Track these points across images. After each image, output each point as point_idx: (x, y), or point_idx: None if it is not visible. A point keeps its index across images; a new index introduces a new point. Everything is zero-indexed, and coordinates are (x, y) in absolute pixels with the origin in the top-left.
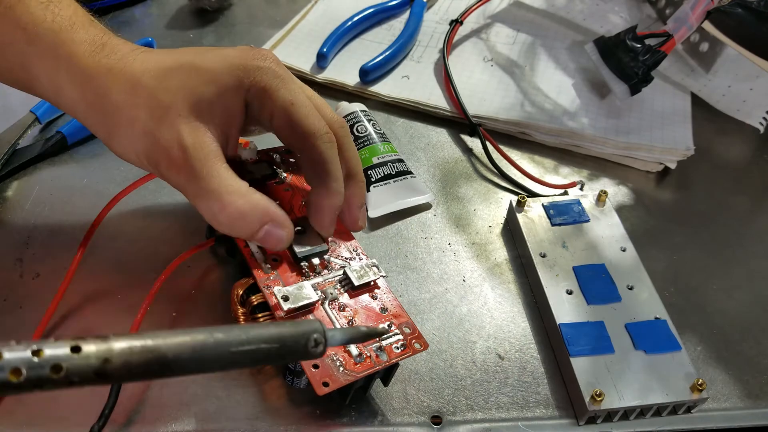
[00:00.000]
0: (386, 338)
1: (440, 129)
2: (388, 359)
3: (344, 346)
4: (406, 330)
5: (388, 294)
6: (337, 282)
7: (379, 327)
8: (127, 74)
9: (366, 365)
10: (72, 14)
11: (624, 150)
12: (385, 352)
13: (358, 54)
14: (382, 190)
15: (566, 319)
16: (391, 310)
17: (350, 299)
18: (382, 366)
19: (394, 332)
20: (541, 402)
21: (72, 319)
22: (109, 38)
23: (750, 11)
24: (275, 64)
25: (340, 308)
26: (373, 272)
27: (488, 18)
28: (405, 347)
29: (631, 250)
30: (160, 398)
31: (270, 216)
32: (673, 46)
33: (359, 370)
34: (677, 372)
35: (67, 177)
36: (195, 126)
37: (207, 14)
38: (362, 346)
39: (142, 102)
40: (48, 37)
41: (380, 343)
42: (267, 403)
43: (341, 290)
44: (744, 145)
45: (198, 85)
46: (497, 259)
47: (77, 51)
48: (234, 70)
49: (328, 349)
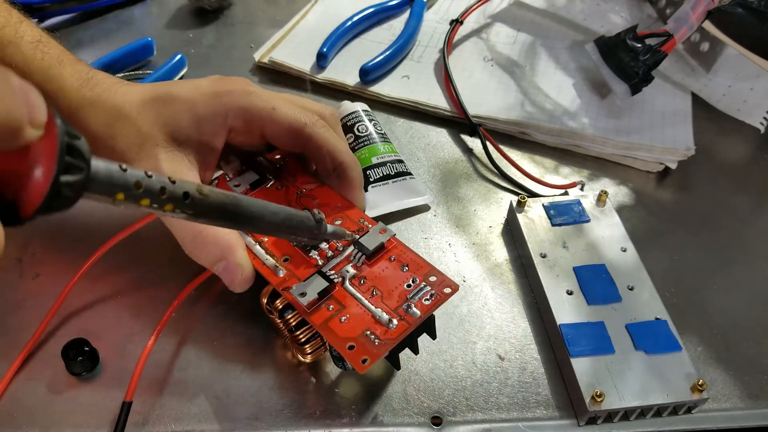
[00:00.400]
0: (414, 294)
1: (440, 129)
2: (422, 314)
3: (375, 318)
4: (432, 279)
5: (404, 249)
6: (351, 258)
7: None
8: (109, 105)
9: (400, 328)
10: (60, 53)
11: (624, 150)
12: (416, 307)
13: (358, 54)
14: (380, 191)
15: (566, 320)
16: (412, 266)
17: (369, 269)
18: (416, 323)
19: (420, 286)
20: (542, 402)
21: (72, 320)
22: (94, 73)
23: (750, 11)
24: (245, 84)
25: (360, 282)
26: (382, 235)
27: (488, 18)
28: (435, 296)
29: (632, 250)
30: (160, 398)
31: (230, 253)
32: (673, 46)
33: (394, 336)
34: (678, 372)
35: None
36: (173, 154)
37: (207, 14)
38: (393, 310)
39: (122, 132)
40: (39, 74)
41: (408, 301)
42: (267, 404)
43: (357, 265)
44: (744, 145)
45: (174, 115)
46: (497, 260)
47: (65, 85)
48: (207, 98)
49: (361, 323)
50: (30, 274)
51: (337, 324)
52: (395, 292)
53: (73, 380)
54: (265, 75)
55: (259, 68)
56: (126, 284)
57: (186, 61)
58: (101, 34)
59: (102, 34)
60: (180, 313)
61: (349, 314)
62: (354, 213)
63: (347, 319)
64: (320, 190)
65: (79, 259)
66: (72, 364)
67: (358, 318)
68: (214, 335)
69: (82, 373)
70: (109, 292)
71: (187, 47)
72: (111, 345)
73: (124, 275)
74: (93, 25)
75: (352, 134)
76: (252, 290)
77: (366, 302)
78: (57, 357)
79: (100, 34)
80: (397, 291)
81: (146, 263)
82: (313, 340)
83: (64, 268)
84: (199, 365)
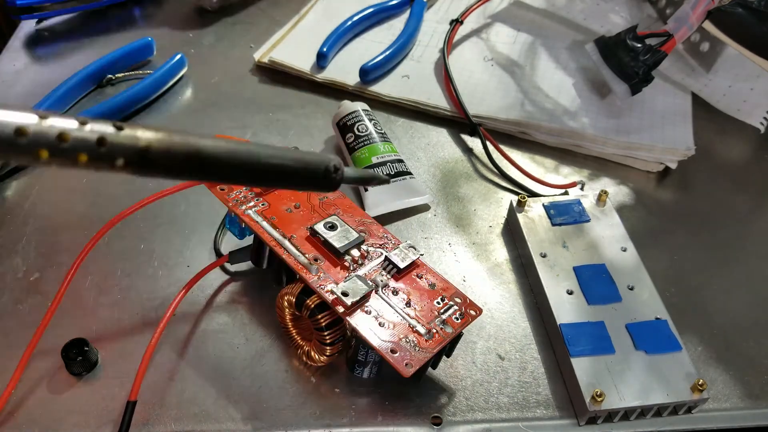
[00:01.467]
0: (444, 311)
1: (440, 129)
2: (453, 330)
3: (412, 328)
4: (457, 300)
5: (430, 271)
6: (381, 269)
7: (382, 175)
8: None
9: (437, 340)
10: None
11: (624, 150)
12: (449, 324)
13: (358, 54)
14: (379, 190)
15: (567, 320)
16: (438, 285)
17: (398, 282)
18: (450, 337)
19: (449, 304)
20: (542, 402)
21: (72, 320)
22: None
23: (750, 11)
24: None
25: (393, 293)
26: (412, 252)
27: (488, 18)
28: (463, 316)
29: (632, 250)
30: (160, 398)
31: None
32: (673, 46)
33: (432, 346)
34: (678, 372)
35: (67, 177)
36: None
37: (207, 14)
38: (428, 323)
39: None
40: None
41: (442, 317)
42: (267, 404)
43: (387, 276)
44: (744, 145)
45: None
46: (497, 259)
47: None
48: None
49: (401, 330)
50: (30, 273)
51: (377, 328)
52: (427, 307)
53: (73, 380)
54: (265, 75)
55: (259, 68)
56: (126, 284)
57: (186, 61)
58: (101, 34)
59: (102, 34)
60: (180, 312)
61: (387, 320)
62: (377, 227)
63: (387, 325)
64: (341, 200)
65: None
66: (72, 363)
67: (397, 324)
68: (214, 335)
69: (82, 373)
70: (108, 292)
71: (187, 47)
72: (111, 345)
73: (124, 274)
74: (93, 25)
75: (352, 134)
76: (252, 289)
77: (402, 312)
78: (57, 357)
79: (100, 34)
80: (428, 306)
81: (146, 262)
82: (338, 342)
83: (64, 268)
84: (200, 365)
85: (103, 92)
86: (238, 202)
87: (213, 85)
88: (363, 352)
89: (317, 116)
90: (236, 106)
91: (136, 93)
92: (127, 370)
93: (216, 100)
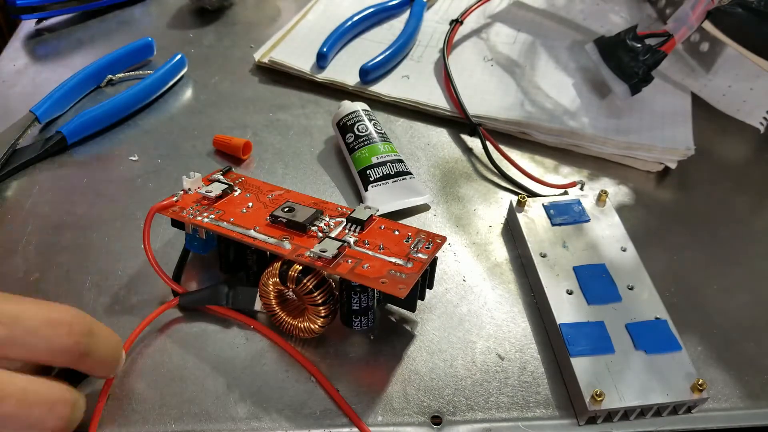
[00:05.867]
0: (414, 246)
1: (440, 129)
2: (428, 256)
3: (392, 263)
4: (422, 235)
5: (390, 222)
6: (347, 231)
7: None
8: None
9: (417, 265)
10: None
11: (624, 150)
12: (422, 252)
13: (358, 54)
14: (379, 190)
15: (566, 319)
16: (401, 230)
17: (366, 235)
18: (427, 262)
19: (416, 239)
20: (542, 402)
21: None
22: None
23: (750, 11)
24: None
25: (364, 244)
26: (368, 210)
27: (488, 18)
28: (432, 244)
29: (632, 250)
30: (160, 398)
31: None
32: (673, 46)
33: (415, 270)
34: (677, 372)
35: (67, 177)
36: None
37: (207, 14)
38: (404, 256)
39: None
40: None
41: (414, 249)
42: (267, 404)
43: (355, 234)
44: (744, 145)
45: None
46: (497, 259)
47: None
48: None
49: (384, 267)
50: (30, 274)
51: (362, 270)
52: (398, 247)
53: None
54: (265, 75)
55: (259, 68)
56: (125, 283)
57: (186, 61)
58: (101, 34)
59: (102, 34)
60: (179, 312)
61: (368, 263)
62: (330, 204)
63: (369, 266)
64: (288, 193)
65: (78, 259)
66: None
67: (378, 263)
68: (214, 335)
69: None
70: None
71: (187, 47)
72: None
73: (122, 274)
74: (93, 25)
75: (352, 134)
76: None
77: (378, 255)
78: None
79: (100, 34)
80: (399, 246)
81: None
82: (329, 302)
83: (64, 268)
84: (200, 365)
85: (103, 92)
86: (193, 216)
87: (213, 85)
88: (356, 299)
89: (317, 116)
90: (236, 106)
91: (137, 93)
92: (126, 369)
93: (216, 100)
